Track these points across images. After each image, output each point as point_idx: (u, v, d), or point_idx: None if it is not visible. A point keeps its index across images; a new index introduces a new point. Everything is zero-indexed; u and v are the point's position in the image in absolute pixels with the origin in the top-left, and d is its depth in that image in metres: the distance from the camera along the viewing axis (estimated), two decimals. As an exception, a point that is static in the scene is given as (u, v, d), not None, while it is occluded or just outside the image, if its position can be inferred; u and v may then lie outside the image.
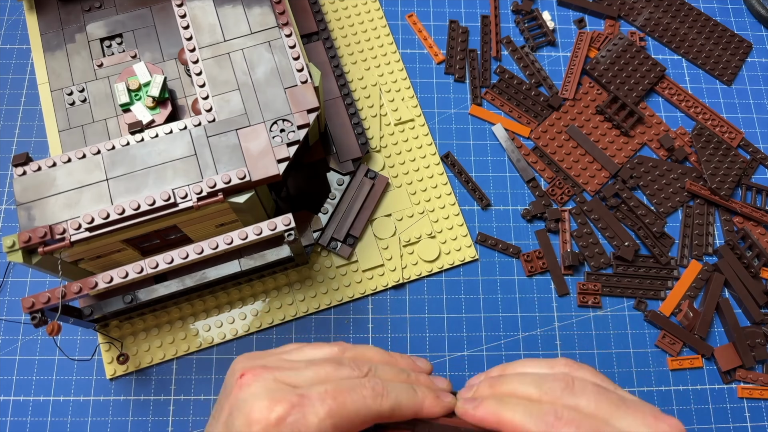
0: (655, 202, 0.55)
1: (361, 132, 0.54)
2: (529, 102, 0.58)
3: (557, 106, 0.58)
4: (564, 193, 0.55)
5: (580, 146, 0.56)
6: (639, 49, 0.60)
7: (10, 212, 0.52)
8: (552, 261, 0.53)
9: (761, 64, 0.62)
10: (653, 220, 0.54)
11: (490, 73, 0.59)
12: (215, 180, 0.39)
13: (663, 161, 0.56)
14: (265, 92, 0.43)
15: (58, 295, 0.38)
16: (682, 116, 0.59)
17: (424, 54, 0.60)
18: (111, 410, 0.47)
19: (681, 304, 0.52)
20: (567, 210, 0.55)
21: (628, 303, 0.52)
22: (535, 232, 0.54)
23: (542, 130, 0.57)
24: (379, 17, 0.60)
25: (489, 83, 0.59)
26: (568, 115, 0.58)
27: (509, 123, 0.58)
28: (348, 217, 0.52)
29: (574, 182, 0.55)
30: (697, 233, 0.54)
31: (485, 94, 0.59)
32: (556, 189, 0.55)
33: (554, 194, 0.55)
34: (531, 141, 0.57)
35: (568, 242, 0.53)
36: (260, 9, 0.45)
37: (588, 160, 0.56)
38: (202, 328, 0.49)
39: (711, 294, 0.52)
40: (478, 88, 0.59)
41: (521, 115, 0.58)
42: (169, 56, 0.48)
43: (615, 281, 0.52)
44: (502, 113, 0.58)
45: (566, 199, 0.55)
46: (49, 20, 0.48)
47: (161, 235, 0.45)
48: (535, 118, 0.58)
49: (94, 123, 0.45)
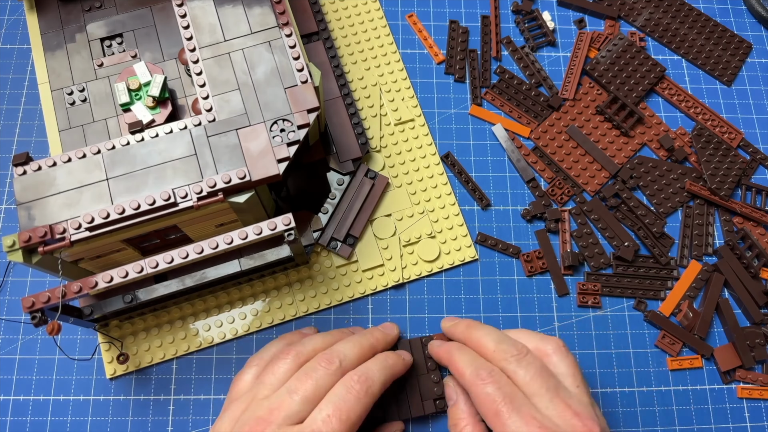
0: (655, 203, 0.55)
1: (361, 132, 0.54)
2: (529, 102, 0.58)
3: (557, 106, 0.58)
4: (564, 194, 0.55)
5: (580, 146, 0.56)
6: (639, 50, 0.60)
7: (10, 212, 0.52)
8: (552, 261, 0.53)
9: (761, 64, 0.62)
10: (653, 220, 0.54)
11: (490, 73, 0.59)
12: (215, 180, 0.39)
13: (663, 161, 0.56)
14: (265, 92, 0.43)
15: (58, 294, 0.38)
16: (681, 116, 0.59)
17: (424, 54, 0.60)
18: (111, 410, 0.47)
19: (681, 304, 0.52)
20: (567, 210, 0.55)
21: (628, 303, 0.52)
22: (535, 232, 0.54)
23: (542, 130, 0.57)
24: (379, 17, 0.60)
25: (489, 83, 0.59)
26: (568, 115, 0.58)
27: (509, 123, 0.58)
28: (348, 217, 0.52)
29: (574, 182, 0.55)
30: (696, 233, 0.54)
31: (485, 94, 0.59)
32: (556, 189, 0.55)
33: (554, 194, 0.55)
34: (531, 141, 0.57)
35: (568, 242, 0.53)
36: (260, 9, 0.45)
37: (588, 161, 0.56)
38: (202, 328, 0.49)
39: (711, 294, 0.52)
40: (478, 88, 0.59)
41: (521, 116, 0.58)
42: (170, 56, 0.48)
43: (615, 281, 0.53)
44: (503, 113, 0.58)
45: (566, 199, 0.55)
46: (49, 20, 0.48)
47: (161, 235, 0.45)
48: (535, 118, 0.58)
49: (95, 123, 0.46)
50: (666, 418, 0.49)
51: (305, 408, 0.38)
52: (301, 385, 0.39)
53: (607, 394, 0.50)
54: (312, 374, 0.40)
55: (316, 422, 0.37)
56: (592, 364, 0.50)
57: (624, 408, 0.49)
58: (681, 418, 0.49)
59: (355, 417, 0.38)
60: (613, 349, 0.51)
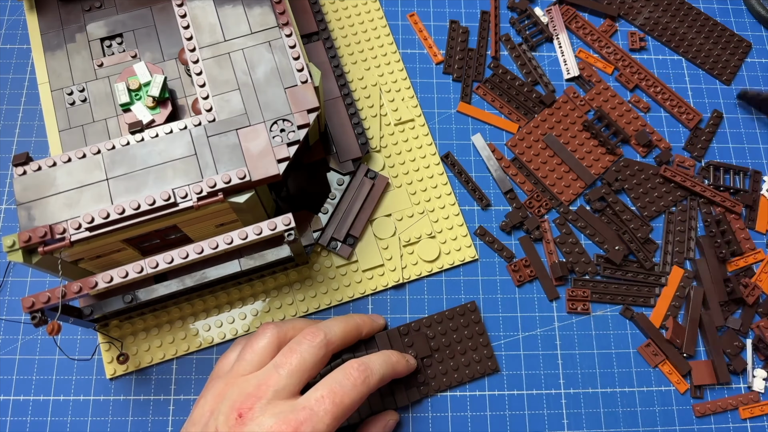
0: (639, 206, 0.55)
1: (361, 132, 0.54)
2: (521, 98, 0.58)
3: (549, 103, 0.58)
4: (542, 206, 0.54)
5: (557, 155, 0.56)
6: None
7: (10, 212, 0.52)
8: (539, 267, 0.52)
9: (761, 64, 0.62)
10: (638, 225, 0.53)
11: (484, 68, 0.59)
12: (215, 180, 0.39)
13: (648, 165, 0.56)
14: (265, 92, 0.43)
15: (58, 294, 0.38)
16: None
17: (424, 54, 0.60)
18: (111, 410, 0.47)
19: (667, 318, 0.51)
20: (545, 220, 0.54)
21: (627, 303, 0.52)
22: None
23: (519, 138, 0.56)
24: (379, 17, 0.60)
25: (482, 78, 0.59)
26: (546, 123, 0.57)
27: (497, 119, 0.57)
28: (348, 217, 0.52)
29: (550, 193, 0.55)
30: (678, 240, 0.54)
31: (477, 88, 0.58)
32: (534, 201, 0.54)
33: (532, 206, 0.54)
34: (511, 151, 0.57)
35: (554, 252, 0.53)
36: (260, 9, 0.45)
37: (564, 170, 0.55)
38: (202, 328, 0.49)
39: (692, 310, 0.51)
40: (470, 86, 0.58)
41: (512, 112, 0.58)
42: (170, 56, 0.48)
43: (603, 287, 0.52)
44: (493, 109, 0.58)
45: (544, 212, 0.54)
46: (49, 20, 0.48)
47: (161, 235, 0.45)
48: (525, 115, 0.58)
49: (95, 123, 0.46)
50: (649, 419, 0.49)
51: (293, 381, 0.39)
52: (287, 360, 0.40)
53: (607, 394, 0.50)
54: (296, 348, 0.40)
55: (309, 401, 0.38)
56: (592, 364, 0.50)
57: (623, 408, 0.49)
58: (681, 418, 0.49)
59: (348, 402, 0.39)
60: (613, 349, 0.51)
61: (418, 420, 0.48)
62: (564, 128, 0.57)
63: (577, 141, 0.57)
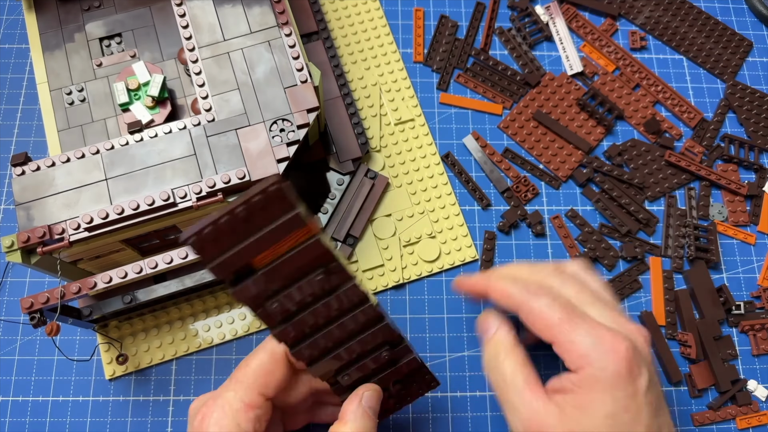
0: (643, 186, 0.55)
1: (361, 132, 0.54)
2: (504, 82, 0.58)
3: (534, 83, 0.58)
4: (529, 191, 0.54)
5: (550, 132, 0.56)
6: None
7: (9, 212, 0.52)
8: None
9: (762, 63, 0.62)
10: (633, 194, 0.54)
11: (468, 57, 0.59)
12: (215, 180, 0.39)
13: (655, 147, 0.56)
14: (265, 92, 0.43)
15: (57, 295, 0.38)
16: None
17: (424, 53, 0.60)
18: (110, 411, 0.47)
19: (679, 333, 0.50)
20: (558, 216, 0.54)
21: (629, 301, 0.52)
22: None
23: (510, 119, 0.57)
24: (379, 17, 0.60)
25: (465, 66, 0.59)
26: (536, 102, 0.57)
27: (480, 103, 0.57)
28: (348, 217, 0.52)
29: (548, 174, 0.55)
30: (678, 224, 0.54)
31: (458, 77, 0.58)
32: (521, 186, 0.54)
33: (519, 191, 0.54)
34: (500, 139, 0.56)
35: (574, 246, 0.53)
36: (260, 8, 0.45)
37: (558, 146, 0.56)
38: (201, 329, 0.49)
39: (686, 317, 0.51)
40: (450, 74, 0.58)
41: (495, 95, 0.58)
42: (169, 56, 0.48)
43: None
44: (476, 95, 0.58)
45: (531, 197, 0.54)
46: (48, 19, 0.48)
47: (160, 235, 0.45)
48: (510, 97, 0.58)
49: (93, 123, 0.45)
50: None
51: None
52: None
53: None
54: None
55: None
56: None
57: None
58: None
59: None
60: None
61: (419, 420, 0.48)
62: (553, 105, 0.57)
63: (568, 117, 0.57)
